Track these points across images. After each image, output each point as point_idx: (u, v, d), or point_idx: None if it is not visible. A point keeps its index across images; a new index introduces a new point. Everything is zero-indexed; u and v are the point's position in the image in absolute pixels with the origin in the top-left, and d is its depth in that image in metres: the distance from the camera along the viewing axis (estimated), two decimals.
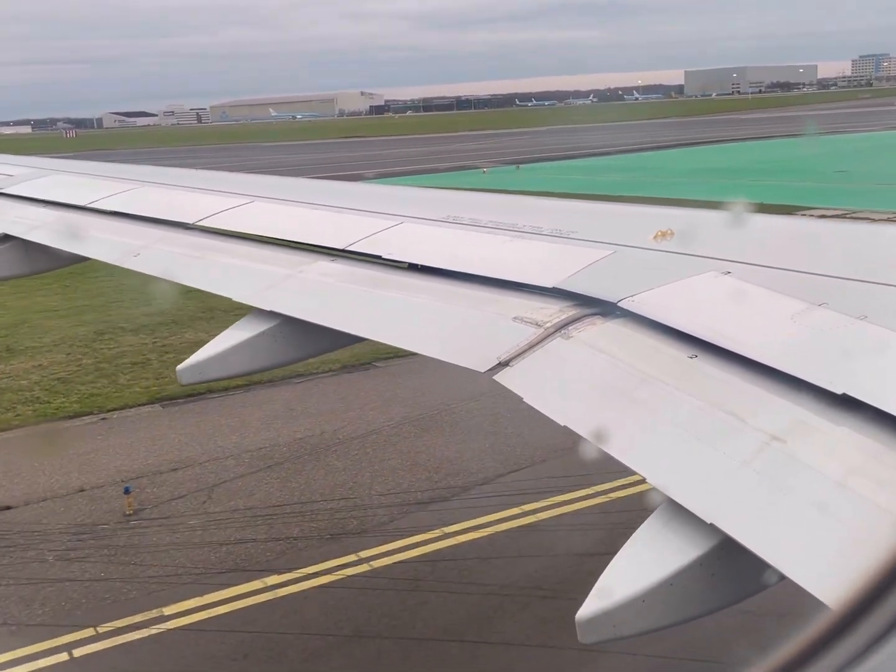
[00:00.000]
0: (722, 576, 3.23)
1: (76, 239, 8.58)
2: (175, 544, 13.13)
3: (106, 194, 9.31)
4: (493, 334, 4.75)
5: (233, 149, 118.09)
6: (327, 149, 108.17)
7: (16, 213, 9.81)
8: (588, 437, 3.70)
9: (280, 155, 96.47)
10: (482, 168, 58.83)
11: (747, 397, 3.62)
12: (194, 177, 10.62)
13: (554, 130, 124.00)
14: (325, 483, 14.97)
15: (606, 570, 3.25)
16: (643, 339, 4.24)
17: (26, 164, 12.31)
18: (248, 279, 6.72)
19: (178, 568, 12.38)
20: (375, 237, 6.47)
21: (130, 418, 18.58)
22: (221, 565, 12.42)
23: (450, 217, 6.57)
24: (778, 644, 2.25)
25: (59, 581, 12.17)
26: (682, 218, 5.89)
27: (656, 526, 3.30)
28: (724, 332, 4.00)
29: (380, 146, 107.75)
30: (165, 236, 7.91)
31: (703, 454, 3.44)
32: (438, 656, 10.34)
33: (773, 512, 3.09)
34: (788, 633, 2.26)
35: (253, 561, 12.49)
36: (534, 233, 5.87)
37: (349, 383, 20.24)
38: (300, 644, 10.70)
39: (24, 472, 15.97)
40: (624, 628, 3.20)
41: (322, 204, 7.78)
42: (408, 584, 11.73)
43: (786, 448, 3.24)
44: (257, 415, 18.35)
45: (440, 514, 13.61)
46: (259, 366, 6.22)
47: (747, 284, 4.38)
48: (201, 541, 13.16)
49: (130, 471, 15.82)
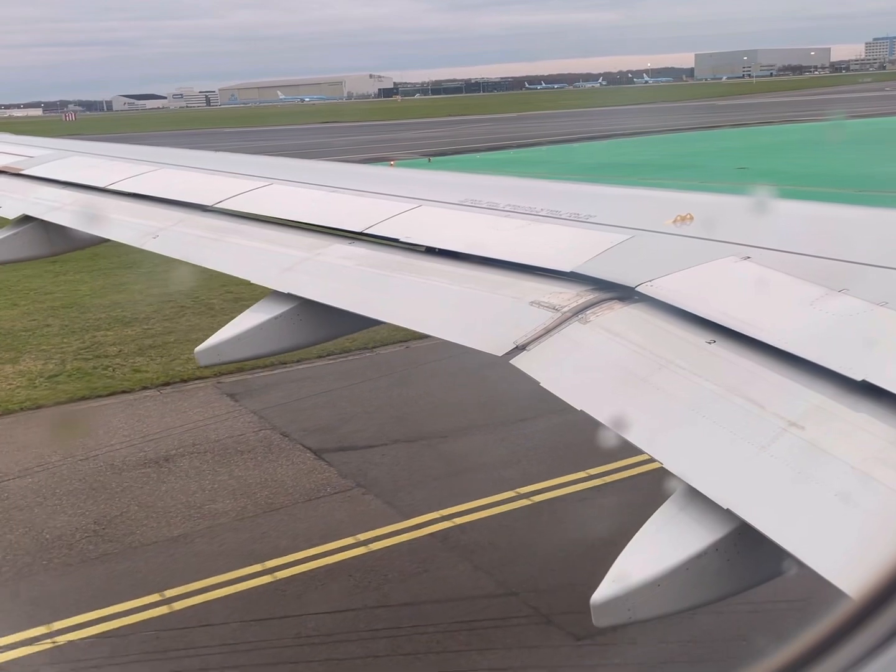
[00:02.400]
0: (738, 561, 3.23)
1: (96, 221, 8.62)
2: None
3: (125, 176, 9.35)
4: (510, 318, 4.74)
5: (185, 134, 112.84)
6: (271, 136, 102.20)
7: (36, 195, 9.87)
8: (605, 422, 3.70)
9: (212, 142, 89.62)
10: (391, 161, 57.02)
11: (766, 383, 3.60)
12: (213, 159, 10.65)
13: (533, 116, 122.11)
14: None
15: (622, 554, 3.25)
16: (661, 323, 4.23)
17: (47, 145, 12.36)
18: (266, 262, 6.74)
19: None
20: (393, 220, 6.47)
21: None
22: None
23: (467, 200, 6.56)
24: (796, 633, 2.24)
25: None
26: (702, 202, 5.86)
27: (672, 510, 3.30)
28: (743, 317, 3.99)
29: (325, 133, 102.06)
30: (184, 218, 7.94)
31: (721, 440, 3.43)
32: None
33: (791, 498, 3.08)
34: (806, 622, 2.25)
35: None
36: (552, 217, 5.86)
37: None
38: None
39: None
40: (639, 612, 3.21)
41: (340, 187, 7.78)
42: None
43: (804, 434, 3.23)
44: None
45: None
46: (276, 348, 6.25)
47: (767, 269, 4.35)
48: None
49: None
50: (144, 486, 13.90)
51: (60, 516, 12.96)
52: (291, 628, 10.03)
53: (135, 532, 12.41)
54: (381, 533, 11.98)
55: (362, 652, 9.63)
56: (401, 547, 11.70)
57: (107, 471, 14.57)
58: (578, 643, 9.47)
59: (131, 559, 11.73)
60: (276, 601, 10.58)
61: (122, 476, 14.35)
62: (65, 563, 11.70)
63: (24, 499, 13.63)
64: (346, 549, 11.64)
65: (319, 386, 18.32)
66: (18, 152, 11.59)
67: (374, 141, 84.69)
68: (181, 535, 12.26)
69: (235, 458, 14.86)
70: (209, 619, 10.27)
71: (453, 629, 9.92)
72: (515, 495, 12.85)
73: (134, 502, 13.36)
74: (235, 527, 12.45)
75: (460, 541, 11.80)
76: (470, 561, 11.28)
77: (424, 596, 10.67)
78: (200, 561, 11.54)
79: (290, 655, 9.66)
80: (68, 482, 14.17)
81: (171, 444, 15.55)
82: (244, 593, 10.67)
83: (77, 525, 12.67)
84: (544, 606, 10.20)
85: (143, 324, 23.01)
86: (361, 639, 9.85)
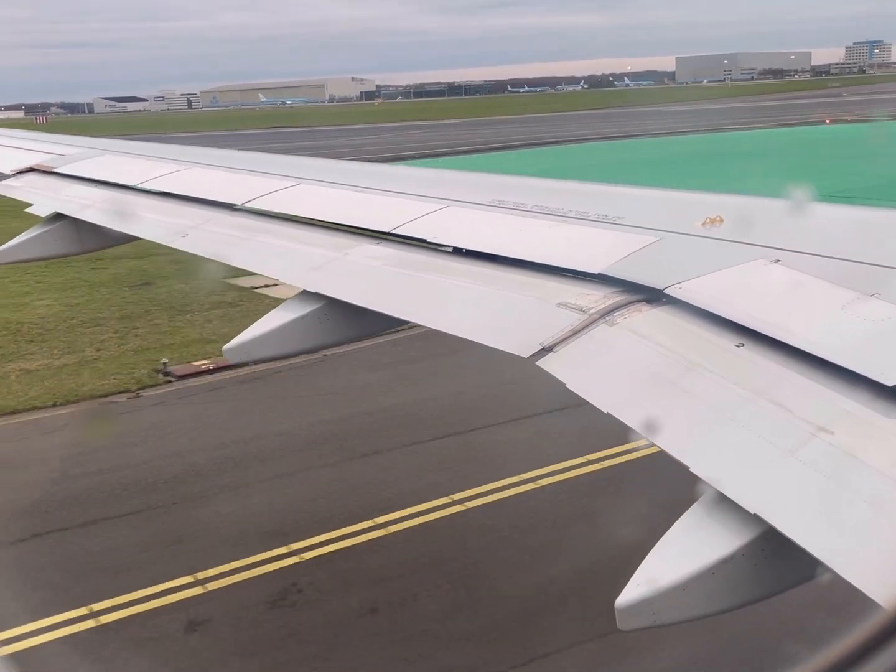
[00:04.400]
0: (765, 566, 3.20)
1: (126, 218, 8.70)
2: None
3: (155, 175, 9.43)
4: (537, 320, 4.73)
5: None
6: (196, 143, 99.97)
7: (67, 193, 9.97)
8: (631, 425, 3.68)
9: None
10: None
11: (795, 387, 3.57)
12: (242, 158, 10.70)
13: (487, 122, 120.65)
14: None
15: (647, 558, 3.23)
16: (689, 326, 4.20)
17: (79, 143, 12.48)
18: (294, 261, 6.77)
19: None
20: (421, 221, 6.47)
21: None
22: None
23: (495, 201, 6.55)
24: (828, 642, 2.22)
25: None
26: (732, 205, 5.81)
27: (699, 514, 3.28)
28: (773, 320, 3.95)
29: (254, 141, 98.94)
30: (213, 217, 7.99)
31: (749, 444, 3.40)
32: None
33: (820, 504, 3.05)
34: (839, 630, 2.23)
35: None
36: (580, 218, 5.84)
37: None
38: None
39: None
40: (664, 616, 3.19)
41: (368, 187, 7.80)
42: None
43: (834, 440, 3.20)
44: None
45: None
46: (303, 347, 6.28)
47: (797, 273, 4.31)
48: None
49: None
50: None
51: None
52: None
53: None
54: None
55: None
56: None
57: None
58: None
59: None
60: None
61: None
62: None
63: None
64: None
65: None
66: (51, 150, 11.72)
67: (298, 149, 79.44)
68: None
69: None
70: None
71: None
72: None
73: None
74: None
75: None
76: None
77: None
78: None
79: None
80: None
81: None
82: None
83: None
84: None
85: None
86: None
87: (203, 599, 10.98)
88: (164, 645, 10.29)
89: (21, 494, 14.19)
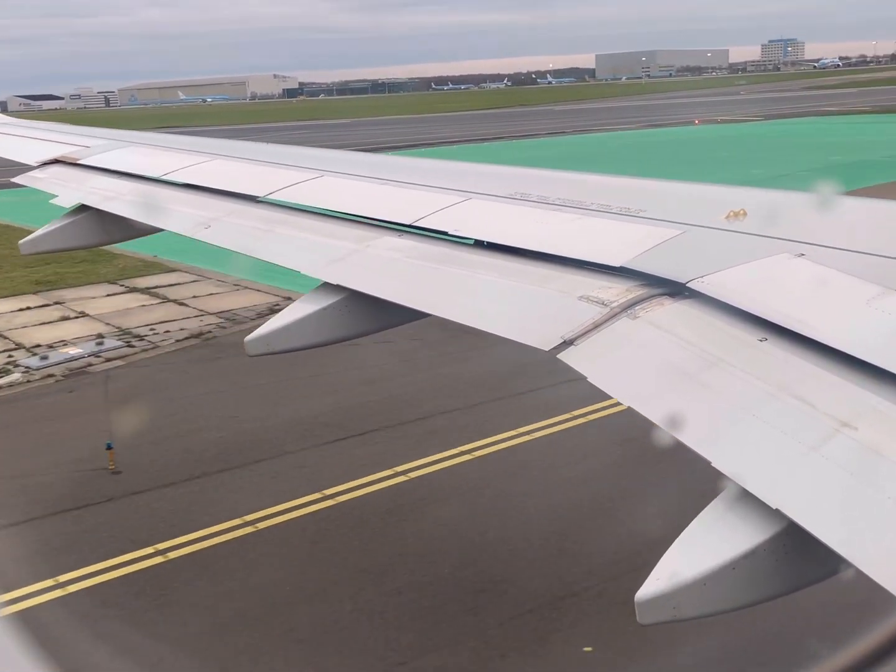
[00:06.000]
0: (786, 562, 3.18)
1: (149, 210, 8.75)
2: None
3: (178, 167, 9.47)
4: (559, 313, 4.72)
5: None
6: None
7: (91, 184, 10.04)
8: (653, 419, 3.66)
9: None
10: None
11: (818, 382, 3.54)
12: (264, 151, 10.72)
13: (377, 122, 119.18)
14: None
15: (668, 552, 3.22)
16: (712, 321, 4.18)
17: (103, 135, 12.56)
18: (316, 253, 6.78)
19: None
20: (442, 213, 6.47)
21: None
22: None
23: (517, 193, 6.53)
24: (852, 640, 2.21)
25: None
26: (756, 198, 5.77)
27: (720, 509, 3.26)
28: (796, 315, 3.92)
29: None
30: (235, 209, 8.02)
31: (771, 439, 3.38)
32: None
33: (843, 500, 3.02)
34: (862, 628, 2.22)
35: None
36: (602, 211, 5.81)
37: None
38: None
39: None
40: (684, 611, 3.17)
41: (390, 179, 7.80)
42: None
43: (857, 435, 3.17)
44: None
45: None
46: (324, 338, 6.28)
47: (821, 267, 4.28)
48: None
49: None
50: None
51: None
52: None
53: None
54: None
55: None
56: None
57: None
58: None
59: None
60: None
61: None
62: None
63: None
64: None
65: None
66: (76, 142, 11.80)
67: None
68: None
69: None
70: None
71: None
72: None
73: None
74: None
75: None
76: None
77: None
78: None
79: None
80: None
81: None
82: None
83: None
84: None
85: None
86: None
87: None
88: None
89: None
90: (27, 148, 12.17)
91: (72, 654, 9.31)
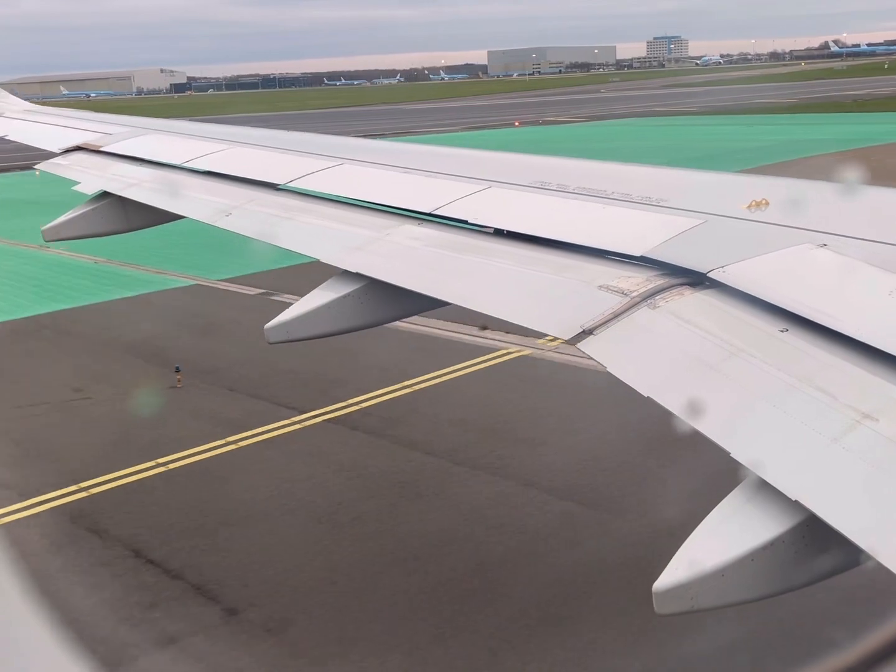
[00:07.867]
0: (805, 554, 3.17)
1: (170, 197, 8.79)
2: None
3: (199, 154, 9.50)
4: (578, 302, 4.71)
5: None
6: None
7: (113, 171, 10.09)
8: (672, 409, 3.66)
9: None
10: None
11: (839, 373, 3.52)
12: (284, 138, 10.74)
13: (240, 119, 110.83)
14: None
15: (686, 542, 3.22)
16: (733, 311, 4.16)
17: (124, 123, 12.61)
18: (336, 241, 6.79)
19: None
20: (462, 201, 6.46)
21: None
22: None
23: (537, 182, 6.51)
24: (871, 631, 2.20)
25: None
26: (778, 187, 5.73)
27: (739, 500, 3.25)
28: (817, 305, 3.90)
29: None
30: (256, 197, 8.04)
31: (791, 430, 3.37)
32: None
33: (863, 492, 3.01)
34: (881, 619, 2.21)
35: None
36: (623, 200, 5.79)
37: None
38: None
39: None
40: (702, 601, 3.17)
41: (411, 167, 7.79)
42: None
43: (878, 427, 3.15)
44: None
45: None
46: (343, 327, 6.30)
47: (843, 257, 4.24)
48: None
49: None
50: None
51: None
52: None
53: None
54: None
55: None
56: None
57: None
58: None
59: None
60: None
61: None
62: None
63: None
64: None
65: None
66: (98, 129, 11.86)
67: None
68: None
69: None
70: None
71: None
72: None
73: None
74: None
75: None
76: None
77: None
78: None
79: None
80: None
81: None
82: None
83: None
84: None
85: None
86: None
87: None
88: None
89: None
90: (50, 134, 12.25)
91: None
